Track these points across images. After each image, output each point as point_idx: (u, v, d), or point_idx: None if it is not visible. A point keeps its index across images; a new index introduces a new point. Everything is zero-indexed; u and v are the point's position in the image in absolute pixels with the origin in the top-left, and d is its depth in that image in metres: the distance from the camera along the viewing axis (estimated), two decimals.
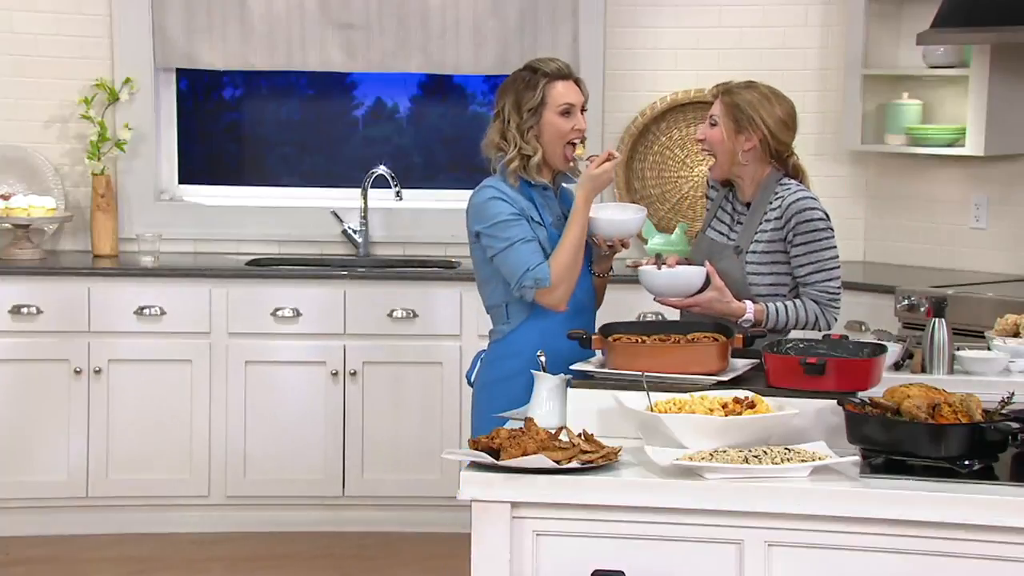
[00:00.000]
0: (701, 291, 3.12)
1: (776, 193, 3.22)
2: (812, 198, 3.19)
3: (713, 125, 3.22)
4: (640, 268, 3.16)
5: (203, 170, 5.54)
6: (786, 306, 3.15)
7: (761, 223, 3.19)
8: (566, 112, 3.19)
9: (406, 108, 5.67)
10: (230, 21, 5.25)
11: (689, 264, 3.22)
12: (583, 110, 3.24)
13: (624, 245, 3.22)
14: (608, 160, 3.16)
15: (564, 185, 3.32)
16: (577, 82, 3.25)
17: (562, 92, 3.19)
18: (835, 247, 3.20)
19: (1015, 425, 2.47)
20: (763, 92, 3.22)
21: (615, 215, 3.19)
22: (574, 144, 3.23)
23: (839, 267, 3.21)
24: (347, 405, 4.91)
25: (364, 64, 5.32)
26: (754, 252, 3.18)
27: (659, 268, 3.15)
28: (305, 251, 5.33)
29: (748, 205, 3.25)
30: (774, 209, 3.19)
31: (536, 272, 3.13)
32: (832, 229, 3.20)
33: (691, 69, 5.27)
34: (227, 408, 4.88)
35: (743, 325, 3.09)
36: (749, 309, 3.10)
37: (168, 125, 5.41)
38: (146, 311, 4.85)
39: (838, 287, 3.20)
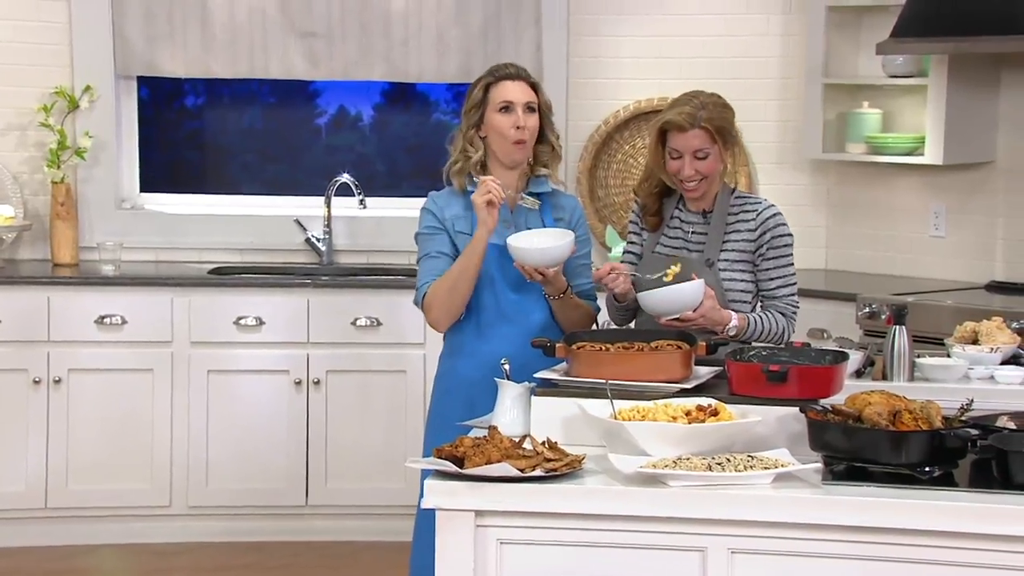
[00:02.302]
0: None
1: (740, 204, 3.21)
2: (781, 213, 3.23)
3: (703, 158, 3.13)
4: (640, 295, 3.08)
5: (164, 178, 5.50)
6: (761, 317, 3.17)
7: (728, 234, 3.19)
8: (505, 108, 3.19)
9: (369, 116, 5.66)
10: (191, 28, 5.23)
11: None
12: (532, 109, 3.20)
13: (542, 273, 3.10)
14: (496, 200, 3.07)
15: (552, 188, 3.30)
16: (534, 86, 3.23)
17: (503, 91, 3.20)
18: (794, 262, 3.24)
19: (974, 432, 2.50)
20: (720, 102, 3.18)
21: (537, 243, 3.11)
22: (519, 143, 3.18)
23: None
24: (311, 414, 4.89)
25: (327, 72, 5.31)
26: (724, 262, 3.19)
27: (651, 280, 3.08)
28: (268, 259, 5.31)
29: (704, 214, 3.23)
30: (745, 220, 3.19)
31: (421, 290, 3.22)
32: (793, 244, 3.24)
33: (654, 78, 5.29)
34: (189, 417, 4.85)
35: (728, 333, 3.10)
36: (734, 317, 3.11)
37: (129, 133, 5.38)
38: (107, 320, 4.81)
39: (798, 301, 3.24)
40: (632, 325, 3.31)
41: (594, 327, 3.30)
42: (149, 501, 4.85)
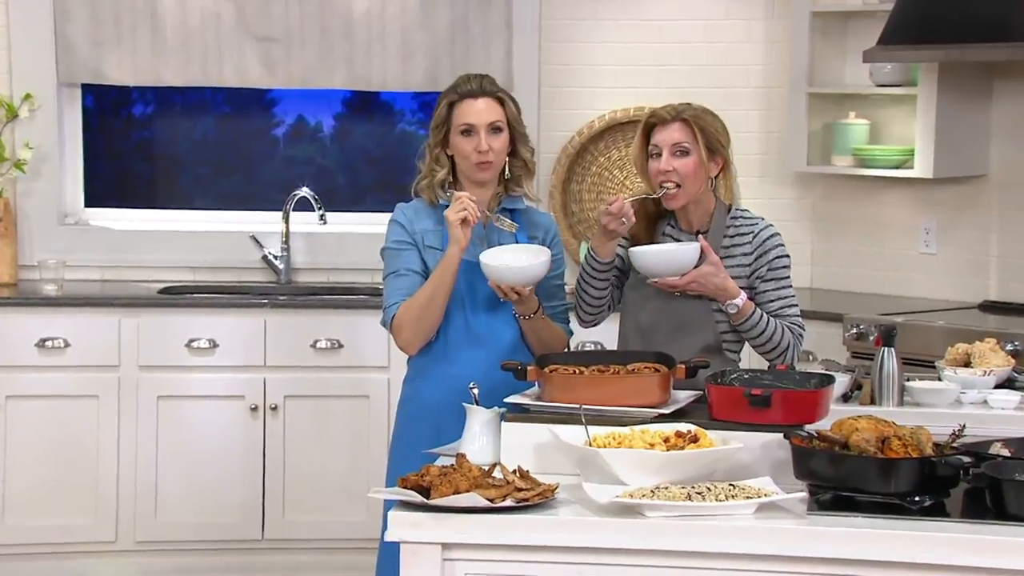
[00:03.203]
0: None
1: (736, 224, 3.24)
2: (780, 234, 3.26)
3: (683, 153, 3.17)
4: (631, 250, 3.13)
5: (111, 192, 5.49)
6: (769, 317, 3.17)
7: (723, 253, 3.21)
8: (466, 132, 3.21)
9: (330, 126, 5.67)
10: (140, 33, 5.22)
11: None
12: (499, 129, 3.21)
13: (518, 292, 3.12)
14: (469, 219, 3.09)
15: (527, 205, 3.32)
16: (501, 101, 3.24)
17: (463, 112, 3.22)
18: (792, 284, 3.26)
19: (966, 459, 2.52)
20: (708, 111, 3.24)
21: (514, 261, 3.14)
22: (482, 164, 3.21)
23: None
24: (267, 442, 4.88)
25: (285, 80, 5.32)
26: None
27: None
28: (222, 278, 5.30)
29: (698, 234, 3.25)
30: (741, 243, 3.21)
31: (390, 311, 3.22)
32: (791, 265, 3.26)
33: (630, 86, 5.32)
34: (137, 446, 4.83)
35: (729, 309, 3.12)
36: (743, 295, 3.12)
37: (73, 144, 5.36)
38: (49, 343, 4.79)
39: (803, 323, 3.25)
40: (607, 322, 3.31)
41: (567, 349, 3.31)
42: (93, 536, 4.82)
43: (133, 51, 5.23)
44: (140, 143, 5.66)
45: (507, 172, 3.27)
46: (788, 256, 3.24)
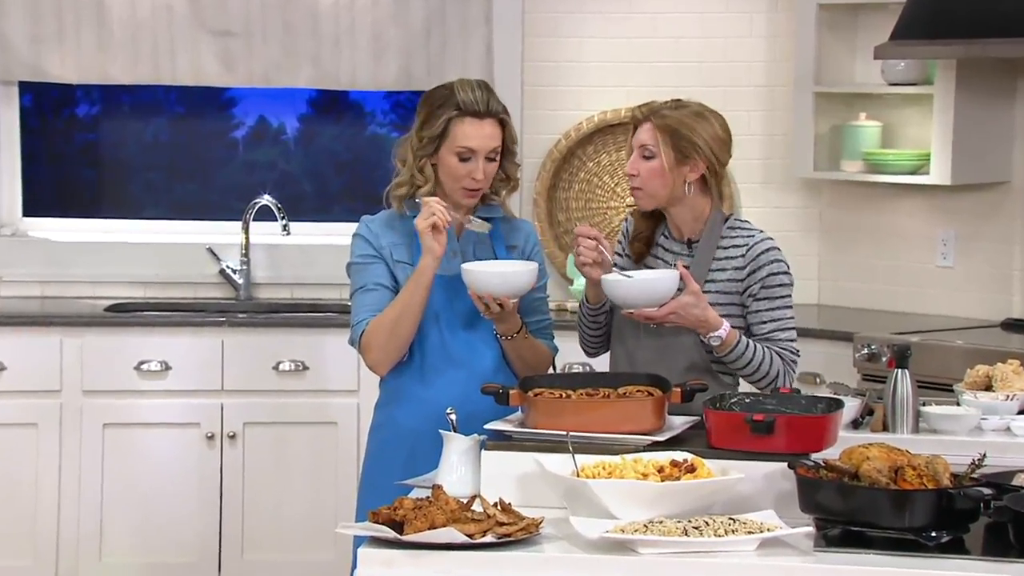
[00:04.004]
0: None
1: (731, 235, 3.25)
2: (778, 248, 3.26)
3: (648, 157, 3.22)
4: (605, 278, 3.13)
5: (52, 200, 5.49)
6: (756, 345, 3.19)
7: (715, 267, 3.23)
8: (464, 158, 3.21)
9: (294, 128, 5.68)
10: (85, 27, 5.22)
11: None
12: (491, 159, 3.21)
13: (502, 305, 3.12)
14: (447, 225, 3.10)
15: (504, 215, 3.33)
16: (502, 123, 3.24)
17: (465, 133, 3.20)
18: (792, 304, 3.27)
19: (987, 491, 2.53)
20: (695, 110, 3.26)
21: (498, 267, 3.16)
22: (470, 191, 3.23)
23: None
24: (224, 474, 4.88)
25: (244, 77, 5.33)
26: (707, 293, 3.21)
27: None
28: (175, 294, 5.30)
29: (689, 243, 3.28)
30: (733, 256, 3.22)
31: (358, 328, 3.23)
32: (793, 284, 3.28)
33: (621, 85, 5.35)
34: (81, 479, 4.82)
35: (711, 341, 3.14)
36: (725, 325, 3.14)
37: (9, 147, 5.36)
38: None
39: (798, 349, 3.27)
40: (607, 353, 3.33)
41: (552, 370, 3.33)
42: None
43: (77, 46, 5.23)
44: (84, 146, 5.66)
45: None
46: (787, 274, 3.25)
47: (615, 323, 3.32)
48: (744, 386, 3.27)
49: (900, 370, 3.17)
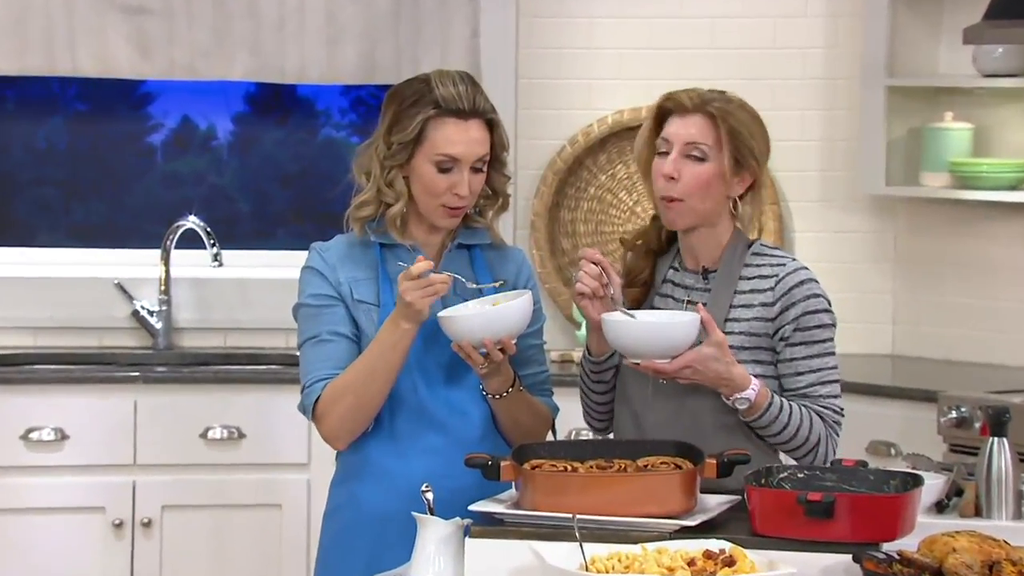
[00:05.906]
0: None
1: (757, 264, 3.26)
2: (816, 280, 3.26)
3: (699, 159, 3.20)
4: (605, 318, 3.11)
5: None
6: (791, 406, 3.19)
7: (737, 302, 3.24)
8: (444, 168, 3.20)
9: (227, 132, 5.70)
10: None
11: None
12: (477, 169, 3.20)
13: (504, 350, 3.11)
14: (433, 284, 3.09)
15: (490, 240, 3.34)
16: (491, 125, 3.24)
17: (446, 137, 3.19)
18: (835, 350, 3.27)
19: None
20: (749, 110, 3.26)
21: (481, 307, 3.15)
22: (452, 210, 3.21)
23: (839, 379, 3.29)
24: (137, 570, 4.87)
25: (164, 68, 5.33)
26: (729, 335, 3.21)
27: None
28: (76, 343, 5.31)
29: (704, 273, 3.28)
30: (760, 289, 3.22)
31: (311, 393, 3.21)
32: (835, 324, 3.28)
33: (641, 78, 5.36)
34: None
35: (737, 404, 3.13)
36: (755, 384, 3.13)
37: None
38: None
39: (843, 406, 3.27)
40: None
41: (552, 436, 3.33)
42: None
43: None
44: None
45: None
46: (828, 311, 3.24)
47: (619, 378, 3.31)
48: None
49: (997, 439, 3.18)
